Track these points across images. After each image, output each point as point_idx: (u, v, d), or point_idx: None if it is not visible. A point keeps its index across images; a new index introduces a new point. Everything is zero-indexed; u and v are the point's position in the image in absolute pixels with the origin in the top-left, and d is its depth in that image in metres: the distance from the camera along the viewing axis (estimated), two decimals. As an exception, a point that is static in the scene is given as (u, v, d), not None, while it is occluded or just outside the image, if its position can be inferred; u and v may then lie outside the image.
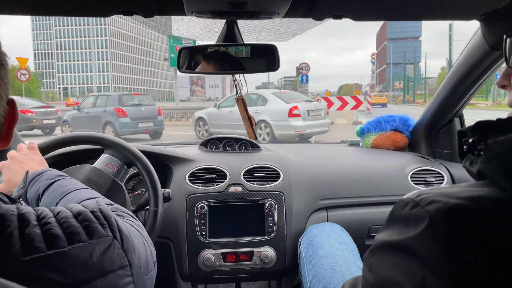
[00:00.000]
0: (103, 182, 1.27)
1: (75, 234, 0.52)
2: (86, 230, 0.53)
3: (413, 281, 0.48)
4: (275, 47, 1.22)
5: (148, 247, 0.72)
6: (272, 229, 1.49)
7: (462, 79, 1.58)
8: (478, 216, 0.47)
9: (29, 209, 0.53)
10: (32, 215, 0.52)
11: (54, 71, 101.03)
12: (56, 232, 0.51)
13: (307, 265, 1.31)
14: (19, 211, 0.51)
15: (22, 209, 0.52)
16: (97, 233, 0.54)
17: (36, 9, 1.11)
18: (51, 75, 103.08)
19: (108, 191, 1.26)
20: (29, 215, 0.51)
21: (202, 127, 11.27)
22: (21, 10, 1.11)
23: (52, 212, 0.55)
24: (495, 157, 0.50)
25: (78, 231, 0.53)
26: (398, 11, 1.15)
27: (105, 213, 0.58)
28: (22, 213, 0.51)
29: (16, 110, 0.57)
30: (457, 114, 1.78)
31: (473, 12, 1.17)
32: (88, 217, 0.56)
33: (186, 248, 1.46)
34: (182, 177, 1.56)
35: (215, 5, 1.04)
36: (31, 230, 0.49)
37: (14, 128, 0.58)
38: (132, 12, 1.08)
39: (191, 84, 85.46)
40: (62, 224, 0.53)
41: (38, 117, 13.45)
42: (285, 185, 1.56)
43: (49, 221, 0.52)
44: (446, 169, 1.74)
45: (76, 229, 0.53)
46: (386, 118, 2.03)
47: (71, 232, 0.52)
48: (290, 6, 1.03)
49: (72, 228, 0.52)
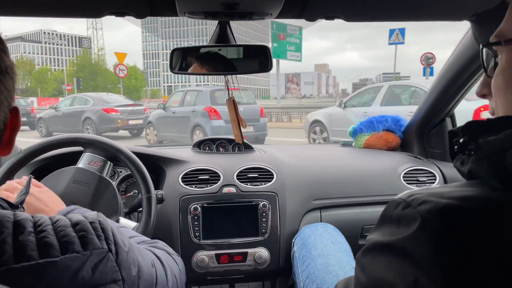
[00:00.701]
0: (89, 180, 1.26)
1: (70, 244, 0.51)
2: (81, 241, 0.53)
3: (405, 282, 0.48)
4: (268, 47, 1.22)
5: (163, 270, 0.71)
6: (265, 230, 1.49)
7: (453, 79, 1.60)
8: (470, 216, 0.48)
9: (26, 216, 0.52)
10: (28, 222, 0.51)
11: (160, 70, 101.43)
12: (50, 241, 0.50)
13: (301, 265, 1.31)
14: (15, 218, 0.51)
15: (19, 216, 0.51)
16: (92, 245, 0.53)
17: (27, 10, 1.10)
18: (157, 74, 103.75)
19: (97, 187, 1.25)
20: (25, 222, 0.51)
21: (319, 133, 8.65)
22: (11, 11, 1.10)
23: (51, 220, 0.54)
24: (486, 157, 0.50)
25: (73, 241, 0.52)
26: (390, 12, 1.16)
27: (103, 225, 0.57)
28: (18, 220, 0.51)
29: (19, 118, 0.57)
30: (448, 114, 1.80)
31: (464, 13, 1.18)
32: (86, 228, 0.55)
33: (179, 249, 1.46)
34: (175, 178, 1.55)
35: (208, 6, 1.04)
36: (25, 238, 0.49)
37: (16, 136, 0.58)
38: (124, 13, 1.07)
39: (286, 82, 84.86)
40: (58, 232, 0.52)
41: (124, 116, 11.65)
42: (279, 186, 1.56)
43: (45, 229, 0.52)
44: (438, 169, 1.75)
45: (71, 239, 0.52)
46: (378, 119, 2.04)
47: (66, 242, 0.51)
48: (282, 7, 1.03)
49: (67, 238, 0.52)
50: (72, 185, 1.25)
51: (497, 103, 0.58)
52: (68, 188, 1.24)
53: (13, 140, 0.58)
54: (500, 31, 0.59)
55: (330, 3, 1.06)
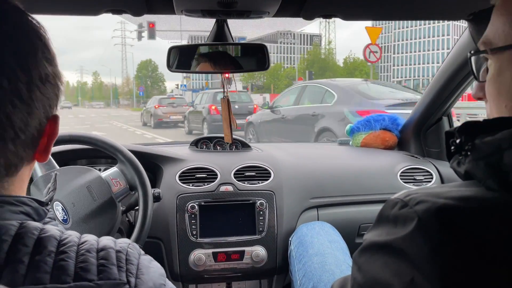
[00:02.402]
0: (101, 195, 1.24)
1: (84, 271, 0.48)
2: (98, 269, 0.49)
3: (402, 281, 0.48)
4: (265, 46, 1.22)
5: None
6: (263, 228, 1.49)
7: (450, 78, 1.60)
8: (466, 216, 0.48)
9: (54, 233, 0.50)
10: (53, 240, 0.49)
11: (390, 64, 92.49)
12: (66, 265, 0.48)
13: (298, 264, 1.31)
14: (40, 234, 0.48)
15: (45, 233, 0.49)
16: (108, 275, 0.49)
17: (26, 8, 1.09)
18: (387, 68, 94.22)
19: (102, 205, 1.24)
20: (48, 240, 0.49)
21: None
22: None
23: (78, 239, 0.52)
24: (482, 157, 0.50)
25: (89, 268, 0.49)
26: (387, 11, 1.16)
27: (129, 256, 0.53)
28: (42, 238, 0.48)
29: (56, 126, 0.56)
30: (445, 113, 1.80)
31: (461, 12, 1.18)
32: (109, 256, 0.51)
33: (176, 248, 1.46)
34: (172, 176, 1.55)
35: (205, 4, 1.04)
36: (42, 258, 0.47)
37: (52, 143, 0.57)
38: (122, 11, 1.07)
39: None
40: (79, 256, 0.49)
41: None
42: (276, 184, 1.56)
43: (68, 250, 0.49)
44: (435, 168, 1.75)
45: (88, 266, 0.49)
46: (375, 117, 2.04)
47: (82, 268, 0.48)
48: (280, 5, 1.03)
49: (85, 264, 0.49)
50: (83, 190, 1.23)
51: (492, 110, 0.58)
52: (78, 190, 1.23)
53: (50, 147, 0.57)
54: (486, 37, 0.57)
55: (328, 2, 1.06)
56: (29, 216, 0.52)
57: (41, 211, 0.55)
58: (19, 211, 0.51)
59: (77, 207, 1.21)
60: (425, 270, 0.47)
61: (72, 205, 1.20)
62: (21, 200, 0.53)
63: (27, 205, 0.53)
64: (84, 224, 1.20)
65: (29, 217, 0.52)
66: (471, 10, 1.15)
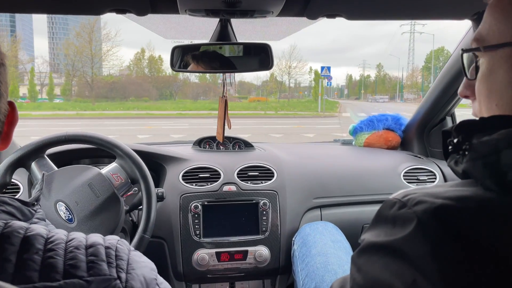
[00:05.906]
0: (103, 191, 1.25)
1: (74, 268, 0.48)
2: (88, 266, 0.49)
3: (403, 282, 0.48)
4: (269, 46, 1.21)
5: None
6: (266, 228, 1.49)
7: (454, 78, 1.60)
8: (464, 216, 0.48)
9: (40, 231, 0.49)
10: (39, 238, 0.48)
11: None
12: (55, 262, 0.47)
13: (300, 263, 1.31)
14: (26, 233, 0.48)
15: (31, 231, 0.48)
16: (98, 271, 0.49)
17: (27, 7, 1.10)
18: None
19: (106, 201, 1.24)
20: (34, 238, 0.48)
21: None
22: (11, 8, 1.09)
23: (66, 237, 0.51)
24: (480, 157, 0.50)
25: (79, 265, 0.48)
26: (391, 11, 1.16)
27: (119, 252, 0.53)
28: (28, 236, 0.48)
29: (16, 112, 0.56)
30: (448, 113, 1.80)
31: (465, 12, 1.18)
32: (98, 252, 0.51)
33: (180, 247, 1.46)
34: (175, 176, 1.55)
35: (209, 3, 1.04)
36: (30, 256, 0.46)
37: (13, 129, 0.57)
38: (125, 11, 1.07)
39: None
40: (68, 253, 0.49)
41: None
42: (279, 184, 1.56)
43: (55, 247, 0.48)
44: (438, 168, 1.75)
45: (78, 263, 0.48)
46: (378, 117, 2.04)
47: (71, 265, 0.48)
48: (284, 5, 1.03)
49: (74, 261, 0.48)
50: (85, 187, 1.24)
51: (481, 108, 0.58)
52: (80, 188, 1.23)
53: (10, 135, 0.57)
54: (479, 34, 0.57)
55: (332, 2, 1.05)
56: (13, 215, 0.52)
57: (26, 210, 0.54)
58: (1, 210, 0.51)
59: (81, 205, 1.21)
60: (426, 270, 0.46)
61: (76, 204, 1.20)
62: (2, 199, 0.52)
63: (8, 204, 0.52)
64: (90, 222, 1.20)
65: (13, 217, 0.51)
66: (476, 10, 1.15)
